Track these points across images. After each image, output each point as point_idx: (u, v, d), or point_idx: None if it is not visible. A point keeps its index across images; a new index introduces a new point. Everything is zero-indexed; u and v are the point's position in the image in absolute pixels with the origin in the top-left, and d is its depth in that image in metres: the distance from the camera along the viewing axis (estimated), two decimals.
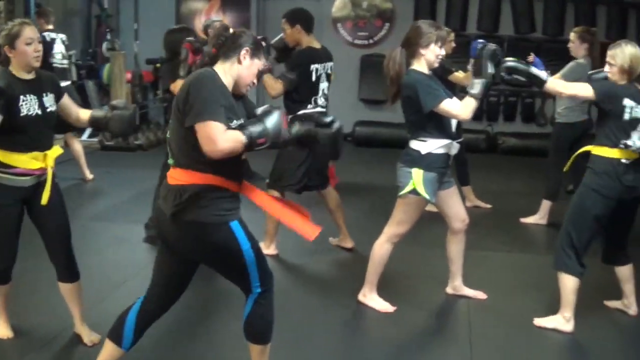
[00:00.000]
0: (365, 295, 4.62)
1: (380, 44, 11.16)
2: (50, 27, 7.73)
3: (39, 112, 3.57)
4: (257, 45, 3.12)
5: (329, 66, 5.41)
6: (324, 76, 5.35)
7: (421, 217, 4.47)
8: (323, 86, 5.35)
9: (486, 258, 5.64)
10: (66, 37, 8.03)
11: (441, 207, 4.56)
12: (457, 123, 4.46)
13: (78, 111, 3.82)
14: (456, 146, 4.39)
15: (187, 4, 11.56)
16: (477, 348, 4.07)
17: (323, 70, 5.33)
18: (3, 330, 3.96)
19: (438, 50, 4.26)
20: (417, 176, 4.24)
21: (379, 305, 4.57)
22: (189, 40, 5.31)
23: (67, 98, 3.81)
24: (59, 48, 7.78)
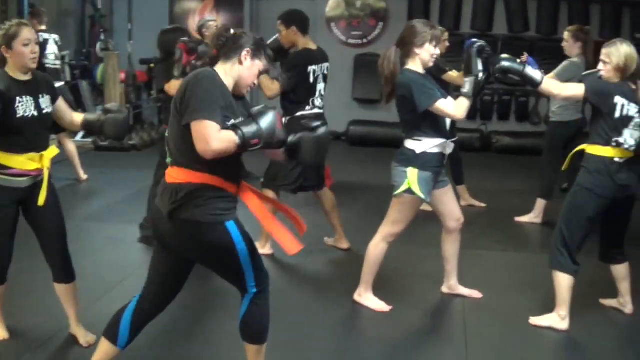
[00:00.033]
0: (360, 294, 4.62)
1: (374, 44, 11.17)
2: (43, 28, 7.72)
3: (35, 114, 3.56)
4: (258, 46, 3.13)
5: (326, 67, 5.42)
6: (321, 77, 5.36)
7: (416, 217, 4.47)
8: (320, 87, 5.35)
9: (481, 257, 5.65)
10: (59, 38, 8.02)
11: (436, 207, 4.56)
12: (451, 122, 4.47)
13: (72, 115, 3.81)
14: (451, 145, 4.40)
15: (181, 4, 11.56)
16: (473, 347, 4.07)
17: (320, 71, 5.33)
18: None
19: (433, 49, 4.27)
20: (412, 175, 4.24)
21: (375, 304, 4.57)
22: (183, 40, 5.31)
23: (62, 101, 3.79)
24: (52, 49, 7.79)
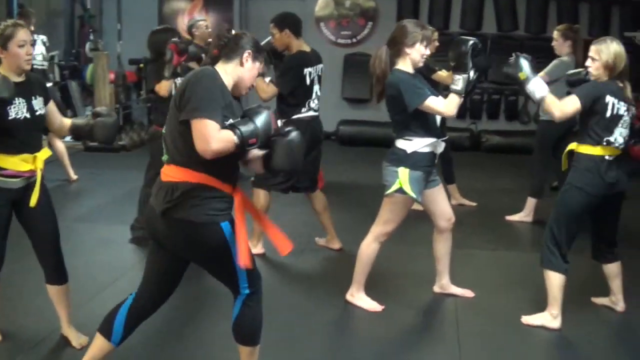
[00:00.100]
0: (353, 294, 4.62)
1: (363, 43, 11.16)
2: (31, 29, 7.69)
3: (28, 116, 3.55)
4: (258, 48, 3.14)
5: (320, 68, 5.43)
6: (316, 79, 5.36)
7: (407, 216, 4.48)
8: (316, 89, 5.36)
9: (472, 256, 5.66)
10: (47, 38, 8.00)
11: (427, 206, 4.56)
12: (441, 121, 4.47)
13: (62, 119, 3.80)
14: (442, 144, 4.40)
15: (170, 4, 11.52)
16: (465, 346, 4.08)
17: (315, 73, 5.34)
18: None
19: (423, 49, 4.27)
20: (404, 175, 4.25)
21: (367, 304, 4.57)
22: (174, 41, 5.31)
23: (53, 104, 3.78)
24: (40, 49, 7.78)
